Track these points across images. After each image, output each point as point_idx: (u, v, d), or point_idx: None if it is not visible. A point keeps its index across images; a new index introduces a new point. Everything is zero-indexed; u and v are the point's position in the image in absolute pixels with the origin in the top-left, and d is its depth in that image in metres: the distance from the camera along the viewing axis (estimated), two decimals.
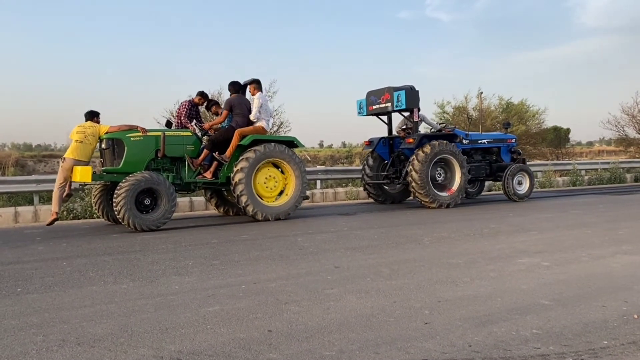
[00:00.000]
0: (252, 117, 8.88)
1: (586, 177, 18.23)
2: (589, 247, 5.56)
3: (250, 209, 8.47)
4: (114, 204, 7.60)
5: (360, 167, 12.60)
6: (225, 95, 18.78)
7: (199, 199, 11.20)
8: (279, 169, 9.01)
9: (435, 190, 10.33)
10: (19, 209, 9.93)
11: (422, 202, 10.33)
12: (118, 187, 7.62)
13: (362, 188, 13.45)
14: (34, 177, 11.41)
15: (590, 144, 63.79)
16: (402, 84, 10.88)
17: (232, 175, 8.43)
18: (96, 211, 9.02)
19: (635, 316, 3.18)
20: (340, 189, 13.70)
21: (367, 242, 6.20)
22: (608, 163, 20.05)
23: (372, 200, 11.98)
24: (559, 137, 32.53)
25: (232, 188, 8.45)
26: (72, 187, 8.50)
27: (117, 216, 7.61)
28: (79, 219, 9.83)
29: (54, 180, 10.96)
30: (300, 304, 3.58)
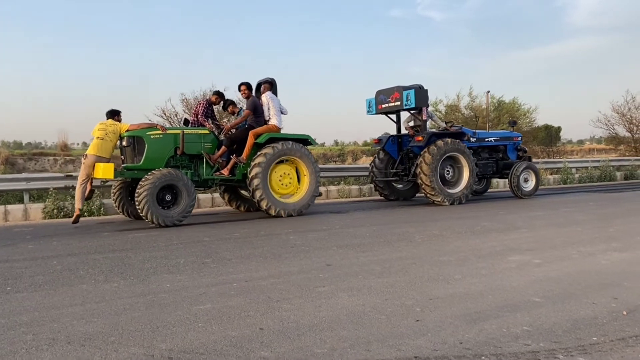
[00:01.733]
0: (266, 116, 9.18)
1: (577, 175, 18.36)
2: (579, 244, 5.60)
3: (264, 203, 8.67)
4: (136, 200, 7.80)
5: (355, 165, 12.73)
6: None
7: (205, 197, 11.22)
8: (294, 166, 9.25)
9: (444, 187, 10.49)
10: (9, 207, 9.86)
11: (431, 199, 10.49)
12: (140, 183, 7.86)
13: (354, 186, 13.53)
14: (24, 175, 11.33)
15: (581, 142, 64.16)
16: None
17: (248, 170, 8.66)
18: (115, 207, 9.20)
19: (624, 313, 3.21)
20: (332, 187, 13.71)
21: (359, 240, 6.21)
22: (598, 161, 20.21)
23: (364, 198, 12.03)
24: (550, 136, 32.68)
25: (248, 182, 8.67)
26: (93, 183, 8.75)
27: (139, 211, 7.85)
28: (69, 216, 9.76)
29: (44, 179, 10.95)
30: (292, 301, 3.58)
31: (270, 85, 9.54)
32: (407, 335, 2.88)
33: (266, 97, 9.25)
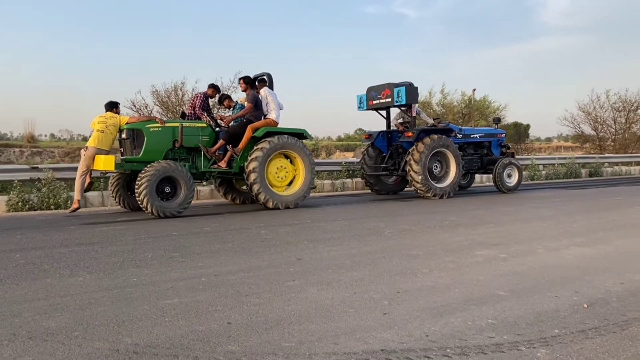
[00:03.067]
0: (265, 111, 9.37)
1: (544, 172, 18.75)
2: (544, 239, 5.73)
3: (262, 197, 8.86)
4: (136, 191, 7.93)
5: (328, 160, 12.87)
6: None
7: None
8: (289, 160, 9.41)
9: (433, 182, 10.82)
10: None
11: (421, 194, 10.82)
12: (140, 175, 7.98)
13: (326, 180, 13.58)
14: None
15: (549, 139, 65.59)
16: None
17: (246, 164, 8.82)
18: (113, 199, 9.28)
19: (585, 306, 3.30)
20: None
21: (330, 234, 6.23)
22: (565, 159, 20.69)
23: (336, 193, 12.07)
24: (519, 133, 33.26)
25: (245, 176, 8.83)
26: (92, 175, 8.90)
27: (139, 203, 7.99)
28: (35, 210, 9.54)
29: (8, 171, 10.65)
30: (261, 296, 3.57)
31: (266, 80, 9.66)
32: (375, 328, 2.90)
33: (265, 92, 9.40)
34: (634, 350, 2.58)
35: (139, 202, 7.99)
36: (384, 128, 12.38)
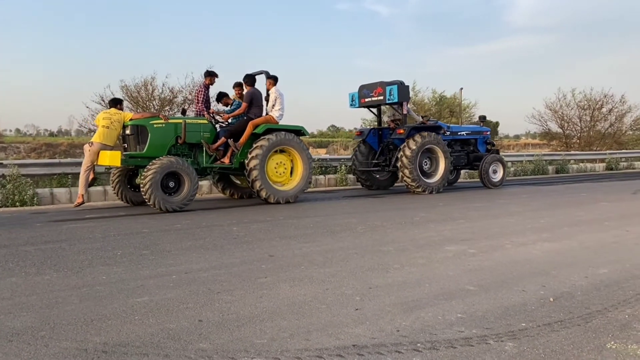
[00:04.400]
0: (268, 109, 9.65)
1: (512, 169, 19.10)
2: (512, 235, 5.84)
3: (263, 193, 9.15)
4: (142, 186, 8.10)
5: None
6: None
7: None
8: (288, 155, 9.70)
9: (423, 178, 11.17)
10: None
11: (411, 189, 11.19)
12: (145, 170, 8.18)
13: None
14: None
15: (517, 137, 66.86)
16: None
17: (247, 161, 9.06)
18: (114, 193, 9.41)
19: (551, 299, 3.38)
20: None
21: (302, 230, 6.23)
22: (532, 156, 21.12)
23: (309, 189, 12.03)
24: None
25: (247, 173, 9.07)
26: (96, 171, 9.04)
27: (144, 197, 8.15)
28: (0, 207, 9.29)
29: None
30: (233, 293, 3.56)
31: (275, 80, 9.84)
32: (347, 324, 2.92)
33: (275, 93, 9.65)
34: (597, 342, 2.66)
35: (144, 196, 8.13)
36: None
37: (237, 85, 10.09)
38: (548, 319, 3.01)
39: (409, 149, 10.94)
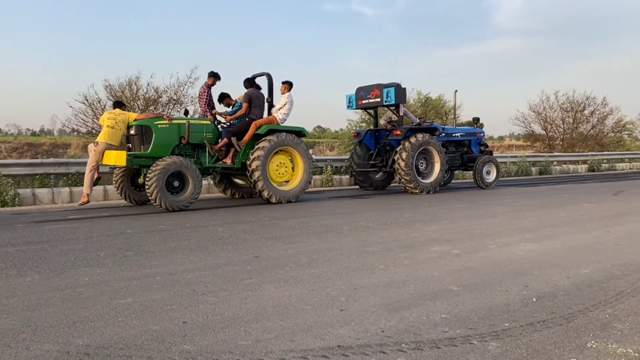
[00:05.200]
0: (274, 110, 9.91)
1: None
2: (496, 235, 5.90)
3: (265, 193, 9.32)
4: (147, 185, 8.22)
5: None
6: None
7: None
8: (289, 156, 9.92)
9: (419, 178, 11.38)
10: None
11: (407, 188, 11.39)
12: (151, 169, 8.29)
13: None
14: None
15: (501, 138, 67.48)
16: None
17: (249, 162, 9.22)
18: (117, 193, 9.54)
19: (534, 299, 3.42)
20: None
21: (288, 231, 6.23)
22: (516, 157, 21.32)
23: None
24: None
25: (249, 174, 9.24)
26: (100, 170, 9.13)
27: (149, 196, 8.27)
28: None
29: None
30: (218, 294, 3.54)
31: (290, 85, 10.06)
32: (332, 324, 2.93)
33: (287, 98, 9.89)
34: (579, 341, 2.69)
35: (149, 196, 8.24)
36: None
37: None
38: (531, 318, 3.05)
39: (406, 150, 11.15)
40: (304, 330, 2.83)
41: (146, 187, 8.28)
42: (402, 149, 11.20)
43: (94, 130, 17.55)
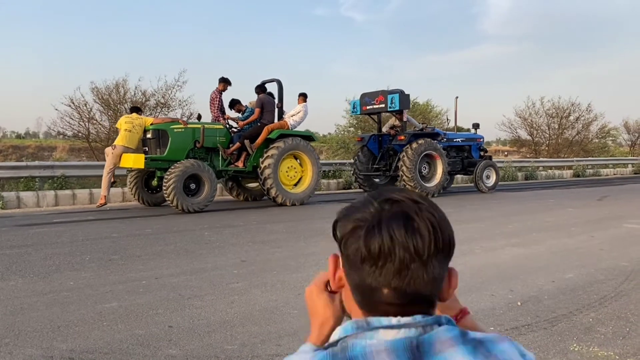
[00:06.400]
0: (286, 116, 10.20)
1: None
2: (482, 240, 5.94)
3: (273, 191, 9.55)
4: (164, 187, 8.43)
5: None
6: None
7: (115, 190, 10.66)
8: (299, 160, 10.22)
9: (422, 182, 11.59)
10: None
11: None
12: (169, 171, 8.48)
13: None
14: None
15: (488, 144, 67.90)
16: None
17: (261, 166, 9.50)
18: (131, 194, 9.74)
19: (519, 303, 3.45)
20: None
21: (276, 235, 6.22)
22: (502, 162, 21.47)
23: None
24: None
25: (261, 178, 9.52)
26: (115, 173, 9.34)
27: (166, 198, 8.47)
28: None
29: None
30: (204, 298, 3.53)
31: (305, 97, 10.46)
32: None
33: (302, 108, 10.24)
34: (562, 345, 2.72)
35: (166, 197, 8.44)
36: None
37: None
38: (515, 322, 3.07)
39: (410, 155, 11.36)
40: (290, 334, 2.83)
41: (164, 189, 8.48)
42: (406, 154, 11.42)
43: (79, 134, 17.38)
